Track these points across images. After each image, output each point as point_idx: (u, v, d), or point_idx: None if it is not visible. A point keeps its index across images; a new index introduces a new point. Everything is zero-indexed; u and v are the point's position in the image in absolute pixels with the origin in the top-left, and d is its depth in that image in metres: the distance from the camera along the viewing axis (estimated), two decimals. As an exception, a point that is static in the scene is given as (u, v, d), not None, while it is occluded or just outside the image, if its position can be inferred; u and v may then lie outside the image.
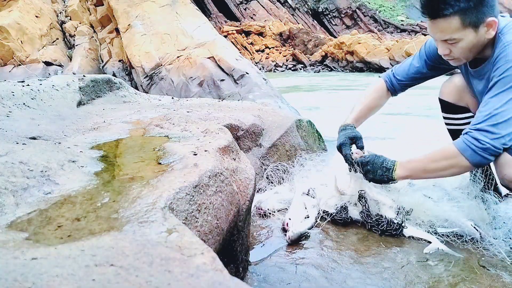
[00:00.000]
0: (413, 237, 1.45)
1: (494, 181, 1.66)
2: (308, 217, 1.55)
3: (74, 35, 11.01)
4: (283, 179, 1.90)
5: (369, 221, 1.50)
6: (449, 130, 1.71)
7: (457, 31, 1.33)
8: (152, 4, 8.73)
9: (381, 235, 1.47)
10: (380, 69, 18.17)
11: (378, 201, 1.52)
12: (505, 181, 1.39)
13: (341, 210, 1.57)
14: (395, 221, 1.47)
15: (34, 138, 1.18)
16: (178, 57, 7.54)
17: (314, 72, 22.36)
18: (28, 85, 1.74)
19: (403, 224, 1.46)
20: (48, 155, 0.92)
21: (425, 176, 1.48)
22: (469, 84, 1.58)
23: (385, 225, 1.46)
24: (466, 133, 1.35)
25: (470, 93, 1.59)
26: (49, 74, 10.01)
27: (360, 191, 1.55)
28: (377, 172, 1.50)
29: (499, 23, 1.36)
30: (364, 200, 1.54)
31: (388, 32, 32.05)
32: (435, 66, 1.63)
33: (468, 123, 1.61)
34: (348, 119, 1.75)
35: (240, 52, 8.24)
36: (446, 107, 1.65)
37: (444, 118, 1.68)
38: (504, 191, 1.70)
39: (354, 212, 1.56)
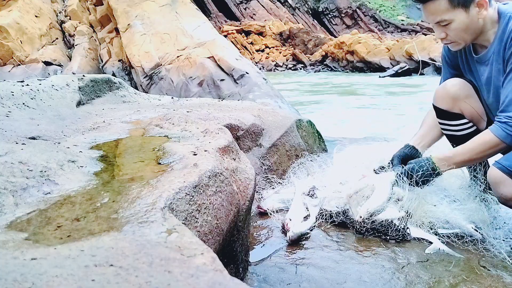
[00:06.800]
0: (414, 237, 1.45)
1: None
2: (308, 217, 1.55)
3: (74, 34, 11.00)
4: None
5: (373, 227, 1.48)
6: (446, 135, 1.71)
7: (447, 12, 1.38)
8: (152, 3, 8.71)
9: (384, 240, 1.45)
10: (380, 69, 18.12)
11: (388, 216, 1.50)
12: (503, 199, 1.41)
13: (341, 213, 1.56)
14: (400, 228, 1.46)
15: (33, 138, 1.17)
16: (177, 56, 7.52)
17: (315, 72, 22.35)
18: (27, 85, 1.73)
19: (407, 231, 1.46)
20: (48, 155, 0.92)
21: (468, 165, 1.55)
22: (473, 72, 1.57)
23: (389, 232, 1.45)
24: (501, 122, 1.37)
25: (463, 99, 1.58)
26: (49, 74, 10.00)
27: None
28: (420, 170, 1.50)
29: (500, 6, 1.39)
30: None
31: (388, 32, 32.02)
32: (455, 64, 1.65)
33: (464, 129, 1.62)
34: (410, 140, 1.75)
35: (240, 52, 8.24)
36: (441, 113, 1.65)
37: (440, 124, 1.68)
38: None
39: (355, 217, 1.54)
